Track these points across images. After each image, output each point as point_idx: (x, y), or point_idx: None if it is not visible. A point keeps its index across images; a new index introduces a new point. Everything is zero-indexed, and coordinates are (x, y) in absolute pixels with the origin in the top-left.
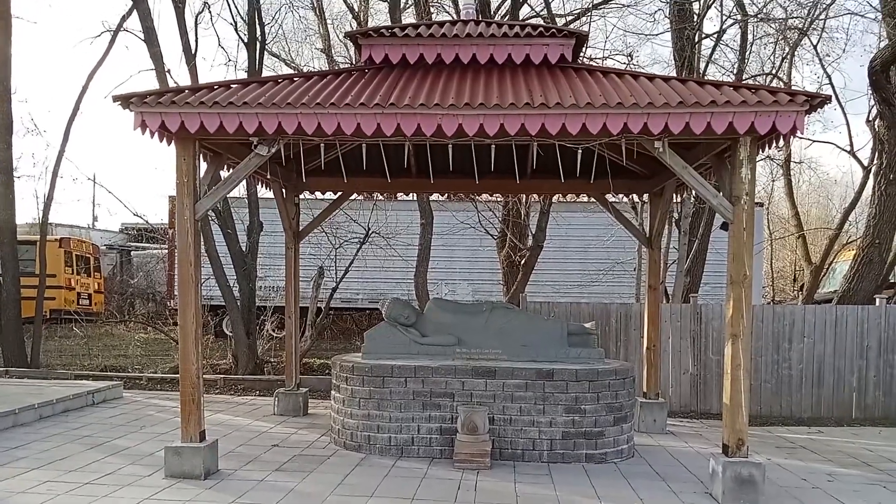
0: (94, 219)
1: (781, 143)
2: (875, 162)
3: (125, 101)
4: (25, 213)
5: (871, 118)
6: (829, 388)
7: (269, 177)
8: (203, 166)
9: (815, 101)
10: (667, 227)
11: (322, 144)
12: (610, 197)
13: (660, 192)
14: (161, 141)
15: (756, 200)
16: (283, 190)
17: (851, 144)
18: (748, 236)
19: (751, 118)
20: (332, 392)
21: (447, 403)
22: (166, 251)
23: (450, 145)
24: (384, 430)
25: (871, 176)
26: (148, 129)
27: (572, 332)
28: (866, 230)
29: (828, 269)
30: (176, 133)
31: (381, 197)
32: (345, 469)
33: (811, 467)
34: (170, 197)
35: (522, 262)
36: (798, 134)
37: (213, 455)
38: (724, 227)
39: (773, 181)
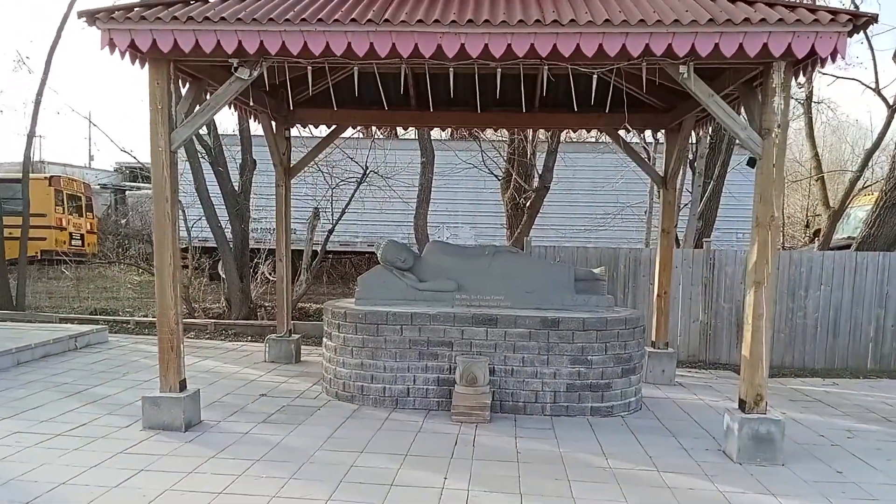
0: (91, 158)
1: (819, 68)
2: None
3: (91, 17)
4: (18, 150)
5: None
6: (845, 337)
7: (255, 107)
8: (182, 94)
9: (858, 21)
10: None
11: (310, 69)
12: (622, 133)
13: (677, 127)
14: (133, 63)
15: None
16: (273, 122)
17: (877, 81)
18: (778, 173)
19: (788, 39)
20: (324, 340)
21: (445, 353)
22: None
23: (451, 72)
24: (378, 380)
25: None
26: (117, 50)
27: (580, 277)
28: (890, 172)
29: (841, 214)
30: (147, 53)
31: (379, 135)
32: (336, 421)
33: (829, 422)
34: None
35: (528, 204)
36: (840, 58)
37: (195, 405)
38: (751, 163)
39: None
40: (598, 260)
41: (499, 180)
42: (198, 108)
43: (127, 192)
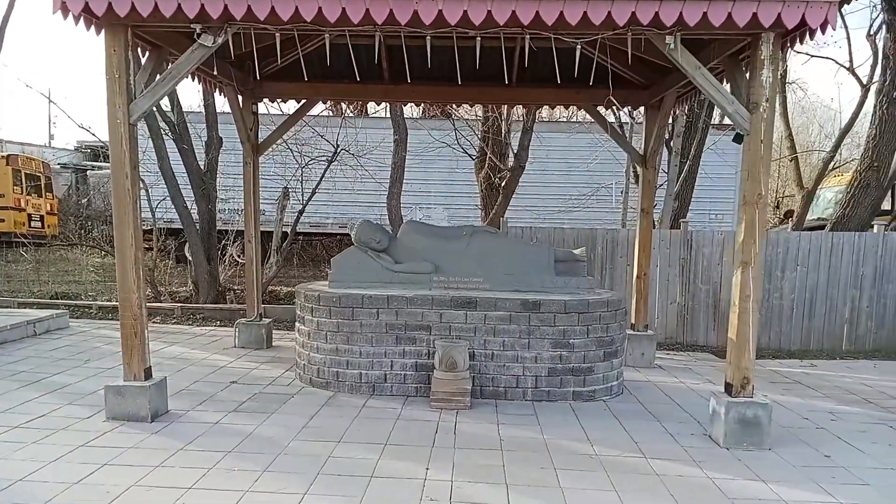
0: (51, 137)
1: (807, 40)
2: (877, 79)
3: None
4: None
5: (871, 32)
6: (821, 318)
7: (221, 79)
8: (143, 64)
9: None
10: None
11: (279, 37)
12: (602, 111)
13: (658, 103)
14: (88, 29)
15: None
16: (239, 96)
17: (851, 61)
18: (766, 149)
19: (777, 9)
20: (297, 324)
21: (423, 337)
22: None
23: (428, 41)
24: (354, 365)
25: (873, 94)
26: (70, 15)
27: (560, 258)
28: (864, 152)
29: (814, 195)
30: (103, 18)
31: (350, 113)
32: (310, 409)
33: (811, 405)
34: None
35: (503, 184)
36: (830, 29)
37: (162, 394)
38: (738, 139)
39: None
40: (575, 241)
41: (473, 159)
42: (158, 77)
43: (88, 172)
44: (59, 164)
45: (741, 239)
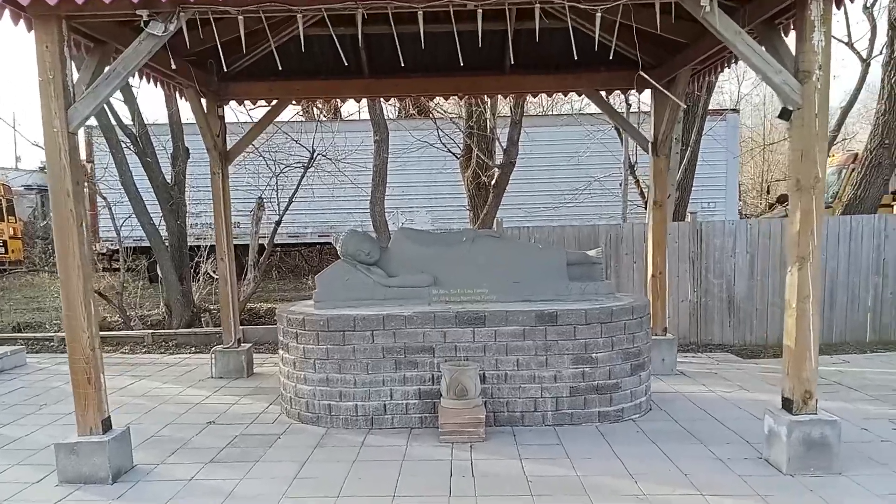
0: (17, 159)
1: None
2: (879, 53)
3: None
4: None
5: (868, 4)
6: (842, 309)
7: (180, 79)
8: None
9: None
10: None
11: (242, 23)
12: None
13: (668, 84)
14: (16, 24)
15: (731, 107)
16: (203, 99)
17: (849, 35)
18: (821, 125)
19: None
20: (280, 352)
21: (426, 360)
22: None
23: (421, 18)
24: (348, 396)
25: (878, 68)
26: None
27: (573, 261)
28: (874, 129)
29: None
30: (30, 8)
31: (324, 117)
32: (301, 454)
33: (863, 411)
34: (84, 127)
35: (492, 182)
36: None
37: (124, 448)
38: (784, 115)
39: (760, 84)
40: (577, 239)
41: (457, 158)
42: (101, 76)
43: None
44: (22, 186)
45: (796, 230)
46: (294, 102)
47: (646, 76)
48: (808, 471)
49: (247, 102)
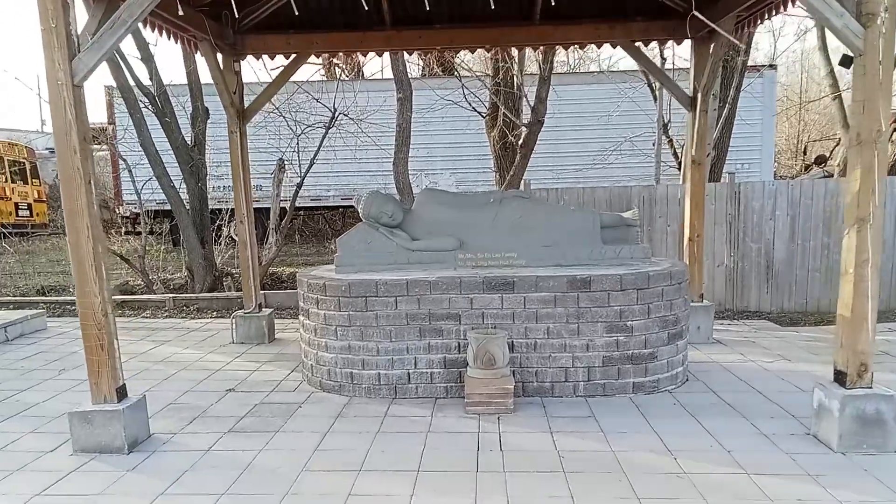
0: (42, 122)
1: None
2: None
3: None
4: None
5: None
6: (888, 274)
7: (194, 32)
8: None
9: None
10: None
11: None
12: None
13: (708, 35)
14: None
15: (768, 63)
16: (218, 53)
17: None
18: (886, 74)
19: None
20: (301, 318)
21: (452, 328)
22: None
23: None
24: (371, 365)
25: None
26: None
27: (607, 224)
28: None
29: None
30: None
31: (345, 76)
32: (322, 424)
33: None
34: (105, 87)
35: (519, 142)
36: None
37: (140, 417)
38: (846, 62)
39: (799, 39)
40: (608, 202)
41: (483, 118)
42: (105, 25)
43: None
44: (46, 148)
45: (856, 188)
46: (314, 56)
47: (700, 16)
48: (861, 449)
49: (265, 57)
